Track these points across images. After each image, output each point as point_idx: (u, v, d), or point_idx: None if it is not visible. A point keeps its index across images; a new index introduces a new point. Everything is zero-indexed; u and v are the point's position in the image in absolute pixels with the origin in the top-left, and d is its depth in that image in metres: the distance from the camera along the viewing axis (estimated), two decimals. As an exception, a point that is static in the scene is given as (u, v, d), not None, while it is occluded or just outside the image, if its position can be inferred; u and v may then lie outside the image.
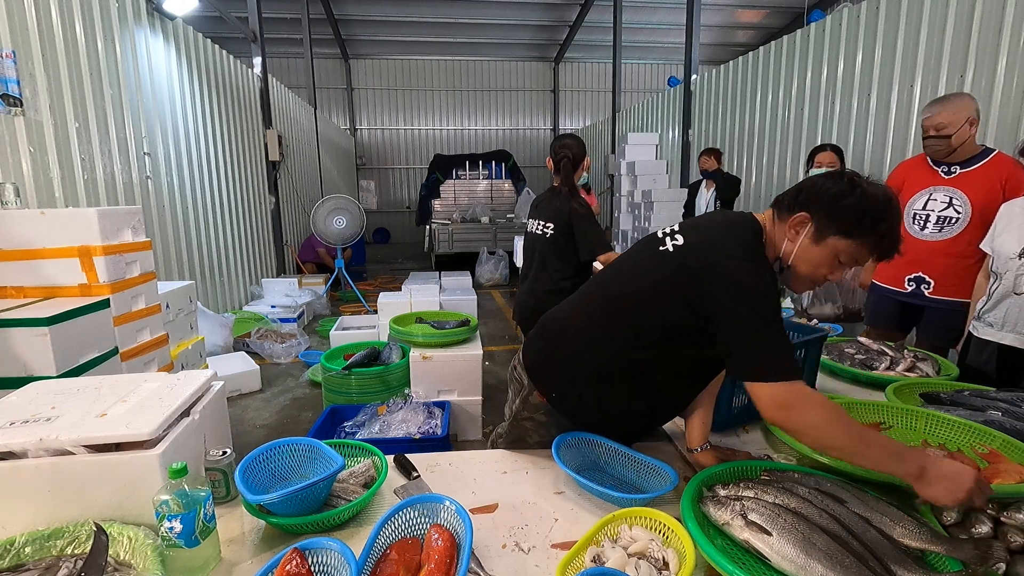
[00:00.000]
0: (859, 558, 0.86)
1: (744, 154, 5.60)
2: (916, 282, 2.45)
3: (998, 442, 1.21)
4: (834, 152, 3.20)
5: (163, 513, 0.90)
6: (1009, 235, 1.93)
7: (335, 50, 12.73)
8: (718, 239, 1.13)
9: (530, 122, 14.55)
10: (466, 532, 0.93)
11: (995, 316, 1.96)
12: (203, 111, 5.08)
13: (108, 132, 3.55)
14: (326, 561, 0.90)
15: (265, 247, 6.74)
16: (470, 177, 10.53)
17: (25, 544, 0.95)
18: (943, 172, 2.35)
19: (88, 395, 1.20)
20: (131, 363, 2.38)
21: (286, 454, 1.23)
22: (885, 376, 1.78)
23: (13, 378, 1.85)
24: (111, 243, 2.29)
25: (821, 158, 3.21)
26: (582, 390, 1.30)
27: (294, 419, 3.56)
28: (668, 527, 0.98)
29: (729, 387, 1.43)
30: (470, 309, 4.28)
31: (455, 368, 3.15)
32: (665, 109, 7.65)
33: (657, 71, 13.99)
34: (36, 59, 2.92)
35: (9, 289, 2.20)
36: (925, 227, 2.39)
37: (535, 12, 11.24)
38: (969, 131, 2.24)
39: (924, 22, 3.53)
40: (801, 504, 0.97)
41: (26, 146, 2.84)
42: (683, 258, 1.13)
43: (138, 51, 3.97)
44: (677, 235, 1.19)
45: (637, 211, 6.99)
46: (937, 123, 2.28)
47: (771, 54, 5.19)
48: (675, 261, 1.14)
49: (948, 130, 2.25)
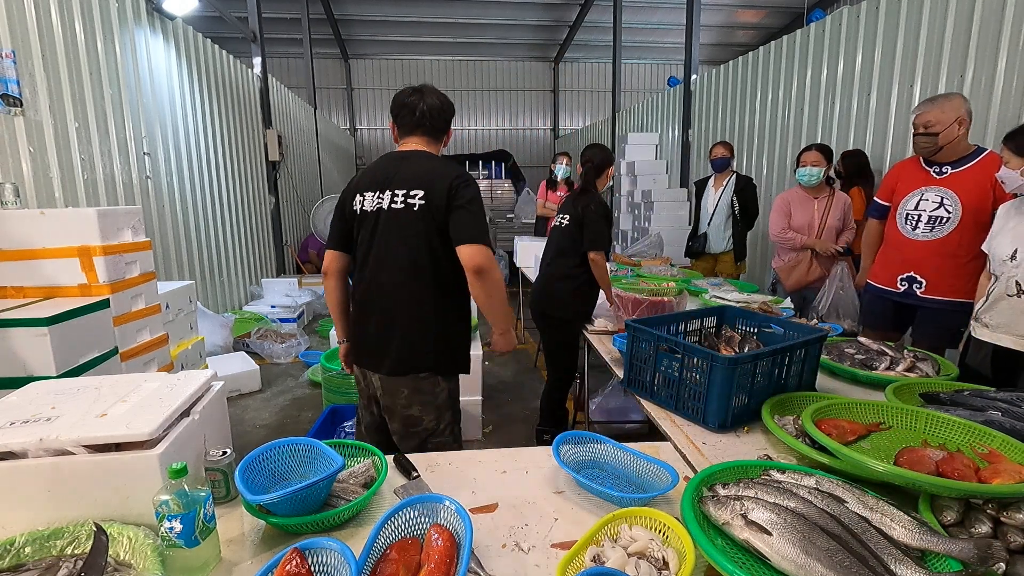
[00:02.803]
0: (859, 558, 0.86)
1: (744, 154, 5.60)
2: (908, 282, 2.45)
3: (998, 442, 1.21)
4: (820, 151, 3.23)
5: (163, 513, 0.90)
6: (1003, 237, 1.94)
7: (335, 50, 12.72)
8: None
9: (530, 122, 14.54)
10: (466, 532, 0.93)
11: (991, 317, 1.96)
12: (203, 111, 5.07)
13: (108, 132, 3.55)
14: (326, 561, 0.90)
15: (265, 247, 6.74)
16: (470, 177, 10.51)
17: (25, 544, 0.95)
18: (935, 172, 2.37)
19: (88, 395, 1.20)
20: (131, 363, 2.38)
21: (286, 454, 1.23)
22: (885, 376, 1.78)
23: (13, 378, 1.85)
24: (111, 243, 2.30)
25: (806, 158, 3.24)
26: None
27: (294, 419, 3.56)
28: (668, 527, 0.98)
29: (729, 387, 1.43)
30: (470, 309, 4.27)
31: (455, 368, 3.15)
32: (665, 109, 7.65)
33: (657, 71, 13.98)
34: (36, 59, 2.92)
35: (9, 289, 2.20)
36: (917, 227, 2.40)
37: (535, 12, 11.23)
38: (957, 131, 2.26)
39: (924, 22, 3.53)
40: (801, 504, 0.97)
41: (26, 146, 2.84)
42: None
43: (138, 51, 3.97)
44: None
45: (637, 211, 7.00)
46: (926, 121, 2.31)
47: (771, 54, 5.19)
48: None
49: (935, 128, 2.28)
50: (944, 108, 2.27)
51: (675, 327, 1.82)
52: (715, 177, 4.46)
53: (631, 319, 1.77)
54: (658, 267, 4.05)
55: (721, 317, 1.97)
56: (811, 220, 3.28)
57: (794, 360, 1.58)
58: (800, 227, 3.32)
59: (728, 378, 1.42)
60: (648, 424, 2.97)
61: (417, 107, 1.72)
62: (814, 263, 3.29)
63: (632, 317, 2.01)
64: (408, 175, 1.68)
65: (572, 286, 2.72)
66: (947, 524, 1.01)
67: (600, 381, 3.45)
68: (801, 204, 3.34)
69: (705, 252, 4.44)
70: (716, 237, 4.36)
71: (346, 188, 1.83)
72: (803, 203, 3.34)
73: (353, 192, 1.78)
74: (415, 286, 1.70)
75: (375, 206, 1.71)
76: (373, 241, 1.72)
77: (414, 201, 1.65)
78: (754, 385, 1.49)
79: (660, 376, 1.63)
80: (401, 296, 1.70)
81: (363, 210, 1.73)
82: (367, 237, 1.73)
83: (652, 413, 1.62)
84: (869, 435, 1.35)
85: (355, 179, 1.83)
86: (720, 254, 4.38)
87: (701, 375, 1.48)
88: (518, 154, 11.75)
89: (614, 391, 3.29)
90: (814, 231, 3.27)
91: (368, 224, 1.72)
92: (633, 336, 1.71)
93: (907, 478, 1.03)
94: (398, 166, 1.72)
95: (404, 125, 1.76)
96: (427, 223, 1.66)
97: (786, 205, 3.40)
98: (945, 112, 2.26)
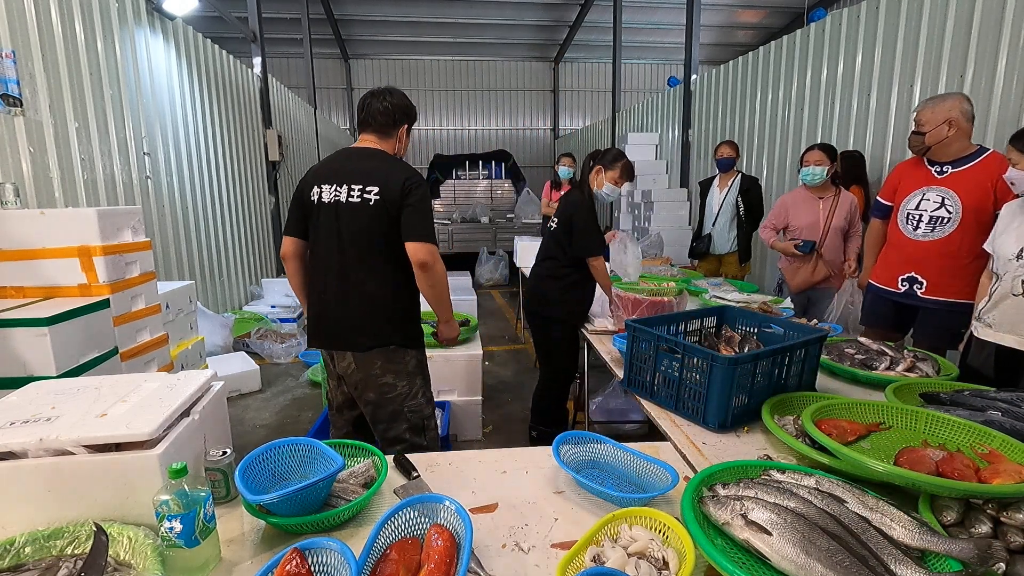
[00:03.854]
0: (859, 558, 0.86)
1: (744, 154, 5.60)
2: (909, 282, 2.45)
3: (998, 442, 1.21)
4: (823, 151, 3.21)
5: (163, 513, 0.90)
6: (1008, 236, 1.93)
7: (335, 50, 12.72)
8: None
9: (530, 122, 14.54)
10: (466, 532, 0.93)
11: (994, 316, 1.96)
12: (203, 111, 5.07)
13: (108, 132, 3.55)
14: (326, 561, 0.90)
15: (265, 247, 6.74)
16: (470, 177, 10.52)
17: (25, 544, 0.95)
18: (936, 172, 2.36)
19: (88, 395, 1.20)
20: (131, 363, 2.38)
21: (286, 454, 1.23)
22: (885, 376, 1.78)
23: (13, 378, 1.85)
24: (111, 243, 2.30)
25: (809, 157, 3.22)
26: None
27: (294, 419, 3.56)
28: (668, 527, 0.98)
29: (729, 387, 1.43)
30: (470, 309, 4.28)
31: (455, 368, 3.15)
32: (665, 109, 7.65)
33: (657, 71, 13.98)
34: (36, 59, 2.92)
35: (9, 289, 2.20)
36: (918, 227, 2.40)
37: (535, 12, 11.23)
38: (946, 132, 2.27)
39: (924, 22, 3.53)
40: (801, 504, 0.97)
41: (26, 146, 2.84)
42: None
43: (138, 51, 3.97)
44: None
45: (637, 211, 7.00)
46: (918, 119, 2.34)
47: (771, 54, 5.19)
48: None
49: (924, 127, 2.31)
50: (936, 109, 2.28)
51: (675, 327, 1.82)
52: (720, 177, 4.43)
53: (631, 319, 1.77)
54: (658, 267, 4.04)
55: (721, 317, 1.97)
56: (816, 220, 3.25)
57: (794, 360, 1.58)
58: (805, 227, 3.29)
59: (728, 378, 1.42)
60: (648, 424, 2.97)
61: (367, 106, 1.92)
62: (819, 263, 3.27)
63: (632, 317, 2.01)
64: (365, 172, 1.84)
65: (560, 286, 2.73)
66: (947, 524, 1.01)
67: (600, 381, 3.45)
68: (806, 204, 3.32)
69: (710, 253, 4.42)
70: (721, 238, 4.35)
71: (303, 180, 1.97)
72: (808, 203, 3.31)
73: (311, 184, 1.92)
74: (375, 271, 1.87)
75: (332, 198, 1.86)
76: (334, 230, 1.86)
77: (370, 196, 1.81)
78: (754, 385, 1.49)
79: (660, 376, 1.63)
80: (363, 281, 1.87)
81: (321, 201, 1.88)
82: (327, 226, 1.87)
83: (652, 413, 1.62)
84: (869, 435, 1.35)
85: (311, 171, 1.98)
86: (725, 255, 4.37)
87: (701, 375, 1.48)
88: (518, 154, 11.74)
89: (614, 391, 3.29)
90: (819, 231, 3.24)
91: (327, 214, 1.87)
92: (633, 336, 1.71)
93: (907, 478, 1.03)
94: (355, 163, 1.89)
95: (359, 122, 1.97)
96: (383, 216, 1.82)
97: (783, 206, 3.40)
98: (936, 112, 2.28)
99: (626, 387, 1.78)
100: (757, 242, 4.49)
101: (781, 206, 3.41)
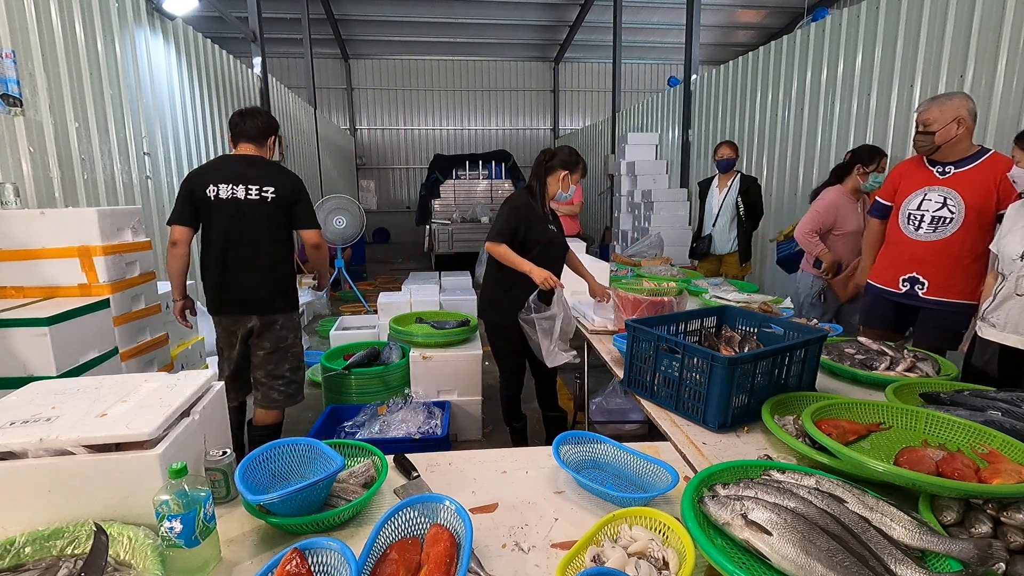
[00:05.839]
0: (859, 558, 0.86)
1: (744, 154, 5.60)
2: (910, 282, 2.44)
3: (998, 442, 1.21)
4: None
5: (163, 513, 0.90)
6: (1013, 236, 1.93)
7: (335, 50, 12.73)
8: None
9: (530, 122, 14.55)
10: (466, 532, 0.93)
11: (998, 317, 1.96)
12: (203, 111, 5.07)
13: (108, 132, 3.55)
14: (326, 561, 0.90)
15: (265, 247, 6.73)
16: (470, 177, 10.51)
17: (25, 544, 0.95)
18: (938, 172, 2.35)
19: (88, 395, 1.20)
20: (131, 363, 2.38)
21: (286, 454, 1.23)
22: (885, 376, 1.78)
23: (13, 378, 1.85)
24: (111, 243, 2.30)
25: (882, 163, 3.10)
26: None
27: (294, 419, 3.56)
28: (668, 527, 0.98)
29: (729, 387, 1.43)
30: (470, 309, 4.27)
31: (455, 368, 3.15)
32: (665, 109, 7.65)
33: (657, 71, 13.99)
34: (36, 59, 2.92)
35: (9, 289, 2.20)
36: (920, 227, 2.39)
37: (535, 12, 11.23)
38: (955, 131, 2.25)
39: (924, 22, 3.53)
40: (801, 504, 0.97)
41: (26, 146, 2.84)
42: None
43: (138, 51, 3.96)
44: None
45: (637, 211, 7.00)
46: (925, 119, 2.30)
47: (771, 54, 5.19)
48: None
49: (933, 127, 2.28)
50: (944, 107, 2.25)
51: (675, 327, 1.82)
52: (719, 177, 4.42)
53: (631, 319, 1.77)
54: (658, 267, 4.05)
55: (721, 317, 1.97)
56: (860, 224, 3.12)
57: (794, 360, 1.58)
58: (850, 232, 3.14)
59: (728, 378, 1.42)
60: (648, 424, 2.96)
61: (241, 123, 2.40)
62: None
63: (632, 317, 2.01)
64: (259, 174, 2.34)
65: (490, 289, 2.64)
66: (947, 524, 1.01)
67: (600, 381, 3.45)
68: (850, 208, 3.17)
69: (710, 253, 4.41)
70: (721, 238, 4.34)
71: (193, 178, 2.34)
72: (851, 207, 3.17)
73: (204, 182, 2.31)
74: (274, 252, 2.41)
75: (230, 194, 2.30)
76: (236, 221, 2.31)
77: (267, 194, 2.33)
78: (754, 385, 1.49)
79: (660, 376, 1.63)
80: (266, 260, 2.38)
81: (219, 197, 2.30)
82: (229, 217, 2.30)
83: (652, 413, 1.62)
84: (869, 435, 1.35)
85: (201, 171, 2.39)
86: (725, 255, 4.36)
87: (701, 375, 1.48)
88: (518, 154, 11.73)
89: (614, 391, 3.29)
90: (861, 235, 3.05)
91: (226, 208, 2.30)
92: (633, 336, 1.71)
93: (907, 478, 1.03)
94: (245, 168, 2.35)
95: (236, 134, 2.42)
96: (280, 210, 2.37)
97: (833, 208, 3.16)
98: (944, 111, 2.25)
99: (626, 387, 1.79)
100: (757, 242, 4.49)
101: (830, 208, 3.17)
